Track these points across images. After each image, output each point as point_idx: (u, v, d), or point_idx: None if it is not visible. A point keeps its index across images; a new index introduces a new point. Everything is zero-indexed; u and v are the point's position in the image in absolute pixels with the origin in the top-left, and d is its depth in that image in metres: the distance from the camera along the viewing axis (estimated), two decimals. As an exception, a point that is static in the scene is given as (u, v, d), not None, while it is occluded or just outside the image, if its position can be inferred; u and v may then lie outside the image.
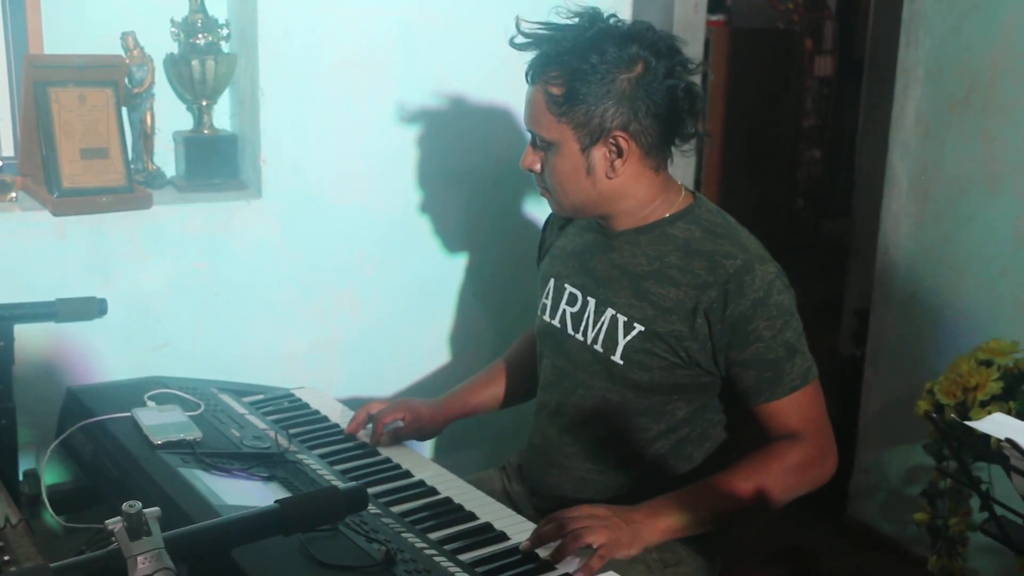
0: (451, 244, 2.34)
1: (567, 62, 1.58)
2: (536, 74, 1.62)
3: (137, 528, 0.97)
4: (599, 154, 1.62)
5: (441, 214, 2.30)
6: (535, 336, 1.90)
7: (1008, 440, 0.99)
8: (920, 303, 2.71)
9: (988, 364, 2.20)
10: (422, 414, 1.92)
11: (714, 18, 3.87)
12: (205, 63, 2.05)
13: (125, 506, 0.98)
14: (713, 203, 1.74)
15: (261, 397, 2.01)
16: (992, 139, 2.48)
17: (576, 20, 1.62)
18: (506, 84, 2.05)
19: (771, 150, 4.65)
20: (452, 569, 1.40)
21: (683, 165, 3.93)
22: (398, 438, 1.88)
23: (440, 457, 2.45)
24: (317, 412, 1.96)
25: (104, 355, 1.99)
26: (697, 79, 1.64)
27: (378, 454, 1.82)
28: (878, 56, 3.89)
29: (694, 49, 3.78)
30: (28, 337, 1.87)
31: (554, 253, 1.87)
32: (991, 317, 2.49)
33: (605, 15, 1.63)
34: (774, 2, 4.51)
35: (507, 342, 2.08)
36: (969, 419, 2.18)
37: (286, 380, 2.13)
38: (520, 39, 1.63)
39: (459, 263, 2.37)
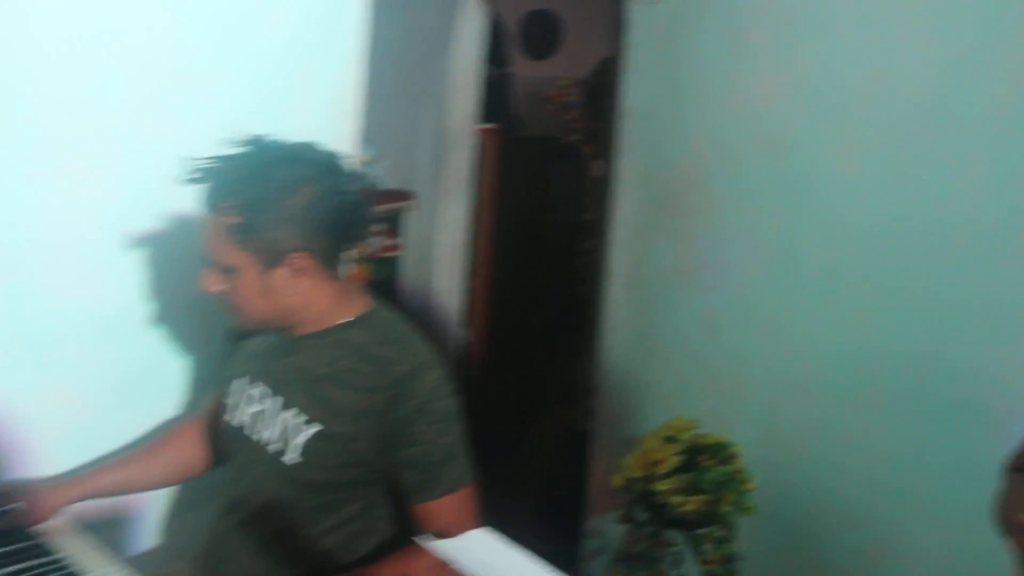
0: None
1: (241, 191, 1.62)
2: (211, 204, 1.66)
3: None
4: (280, 274, 1.68)
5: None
6: (212, 433, 1.96)
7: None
8: (633, 383, 3.01)
9: (671, 440, 2.40)
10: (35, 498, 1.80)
11: (486, 126, 4.18)
12: None
13: None
14: (387, 311, 1.83)
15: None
16: (686, 240, 2.83)
17: (243, 148, 1.67)
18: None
19: (549, 242, 5.37)
20: None
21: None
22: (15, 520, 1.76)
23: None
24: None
25: None
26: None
27: (56, 551, 1.69)
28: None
29: (465, 154, 4.14)
30: None
31: (239, 352, 1.93)
32: (685, 396, 2.81)
33: (267, 138, 1.68)
34: (558, 112, 4.89)
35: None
36: (652, 491, 2.45)
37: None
38: (193, 175, 1.66)
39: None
